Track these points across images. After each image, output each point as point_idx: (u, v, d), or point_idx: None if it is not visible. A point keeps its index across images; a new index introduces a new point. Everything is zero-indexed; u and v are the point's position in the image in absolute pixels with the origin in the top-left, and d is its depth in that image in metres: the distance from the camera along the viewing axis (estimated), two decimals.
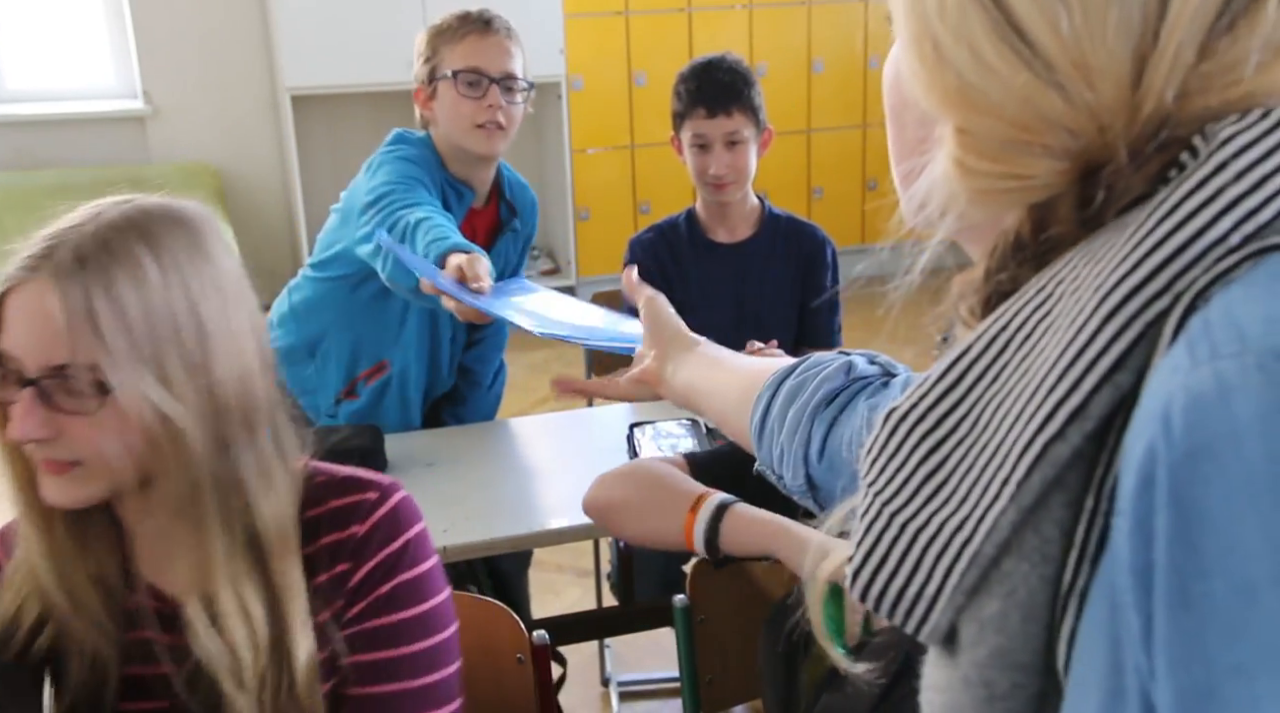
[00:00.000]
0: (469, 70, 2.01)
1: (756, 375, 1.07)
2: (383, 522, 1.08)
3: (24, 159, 5.01)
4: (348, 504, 1.08)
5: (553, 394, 4.52)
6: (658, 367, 1.12)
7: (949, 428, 0.51)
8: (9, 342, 0.96)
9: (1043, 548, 0.47)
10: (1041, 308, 0.50)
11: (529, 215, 2.28)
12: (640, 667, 2.67)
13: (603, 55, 5.33)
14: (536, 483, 1.87)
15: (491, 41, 2.05)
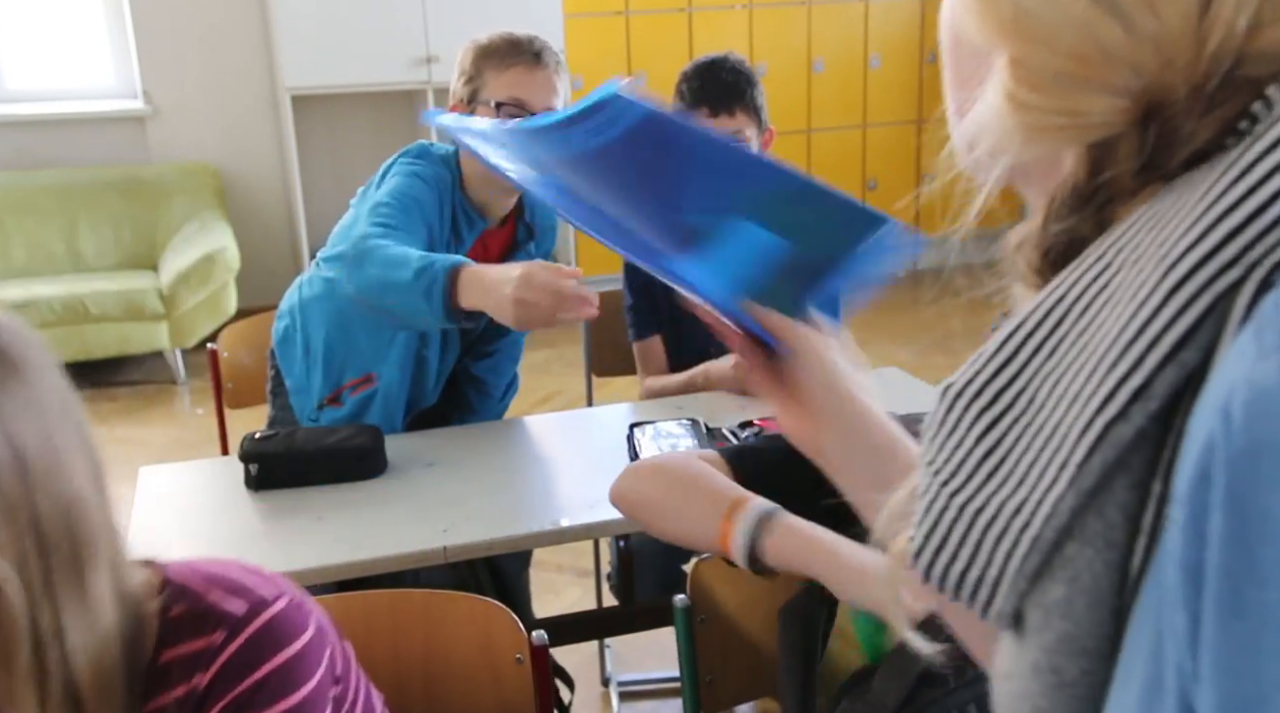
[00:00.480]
0: (512, 103, 1.96)
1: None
2: (230, 665, 0.92)
3: (24, 159, 5.02)
4: (194, 651, 0.92)
5: (553, 394, 4.52)
6: (811, 433, 0.97)
7: (1005, 404, 0.49)
8: None
9: (1106, 533, 0.44)
10: (1101, 278, 0.47)
11: (547, 237, 2.21)
12: (640, 667, 2.66)
13: (603, 55, 5.34)
14: (537, 483, 1.86)
15: (540, 77, 1.98)
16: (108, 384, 4.77)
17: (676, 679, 1.57)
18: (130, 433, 4.25)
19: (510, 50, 1.98)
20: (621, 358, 2.53)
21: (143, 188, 5.02)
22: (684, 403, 2.15)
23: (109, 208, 4.95)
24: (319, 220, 5.24)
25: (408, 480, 1.83)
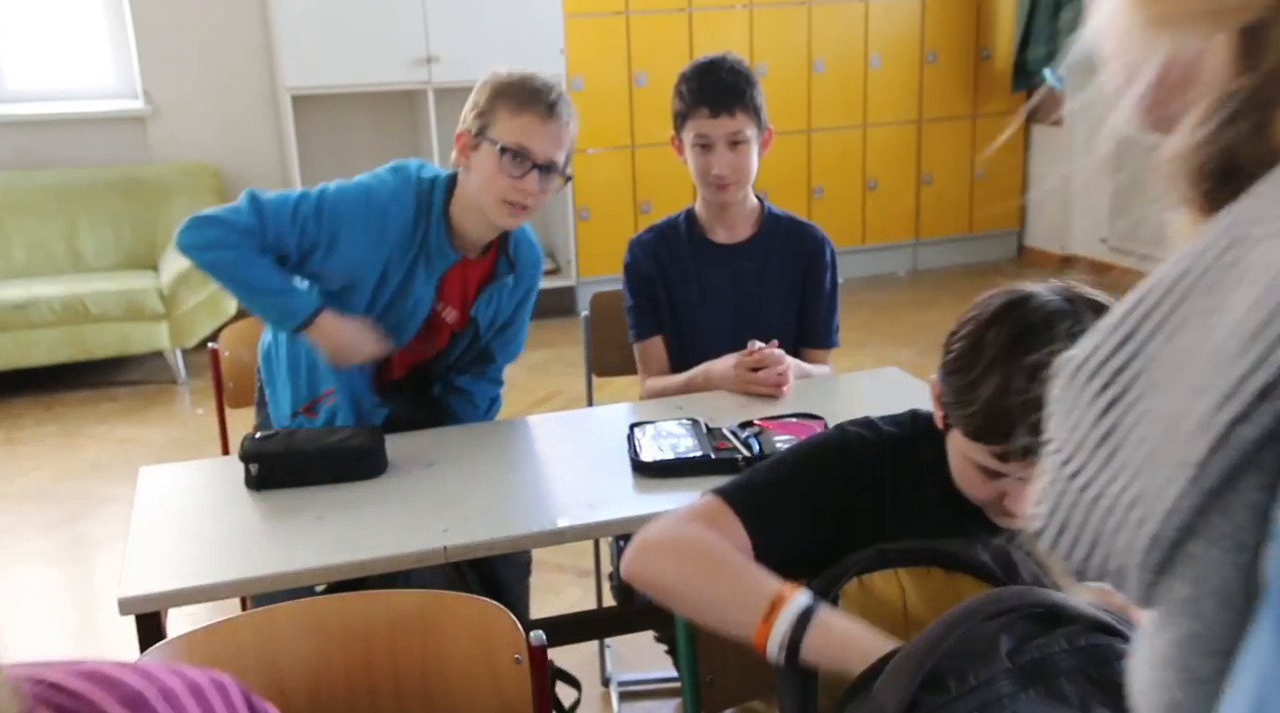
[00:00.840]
0: (516, 148, 1.96)
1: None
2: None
3: (24, 159, 5.02)
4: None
5: (553, 394, 4.52)
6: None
7: (1124, 385, 0.45)
8: None
9: (1236, 534, 0.40)
10: (1231, 252, 0.42)
11: (530, 272, 2.20)
12: (640, 667, 2.66)
13: (603, 55, 5.33)
14: (537, 483, 1.86)
15: (550, 129, 1.98)
16: (108, 384, 4.77)
17: (676, 680, 1.57)
18: (130, 433, 4.25)
19: (527, 97, 1.97)
20: (621, 358, 2.53)
21: (143, 188, 5.02)
22: (684, 403, 2.15)
23: (109, 208, 4.95)
24: None
25: (408, 481, 1.83)
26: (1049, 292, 1.19)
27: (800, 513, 1.33)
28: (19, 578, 3.24)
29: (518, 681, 1.30)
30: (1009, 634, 1.02)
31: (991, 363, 1.16)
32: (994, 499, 1.25)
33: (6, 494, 3.78)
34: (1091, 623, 1.05)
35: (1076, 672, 1.01)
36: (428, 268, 2.04)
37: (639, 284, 2.37)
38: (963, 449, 1.24)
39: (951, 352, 1.23)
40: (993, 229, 6.26)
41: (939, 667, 0.99)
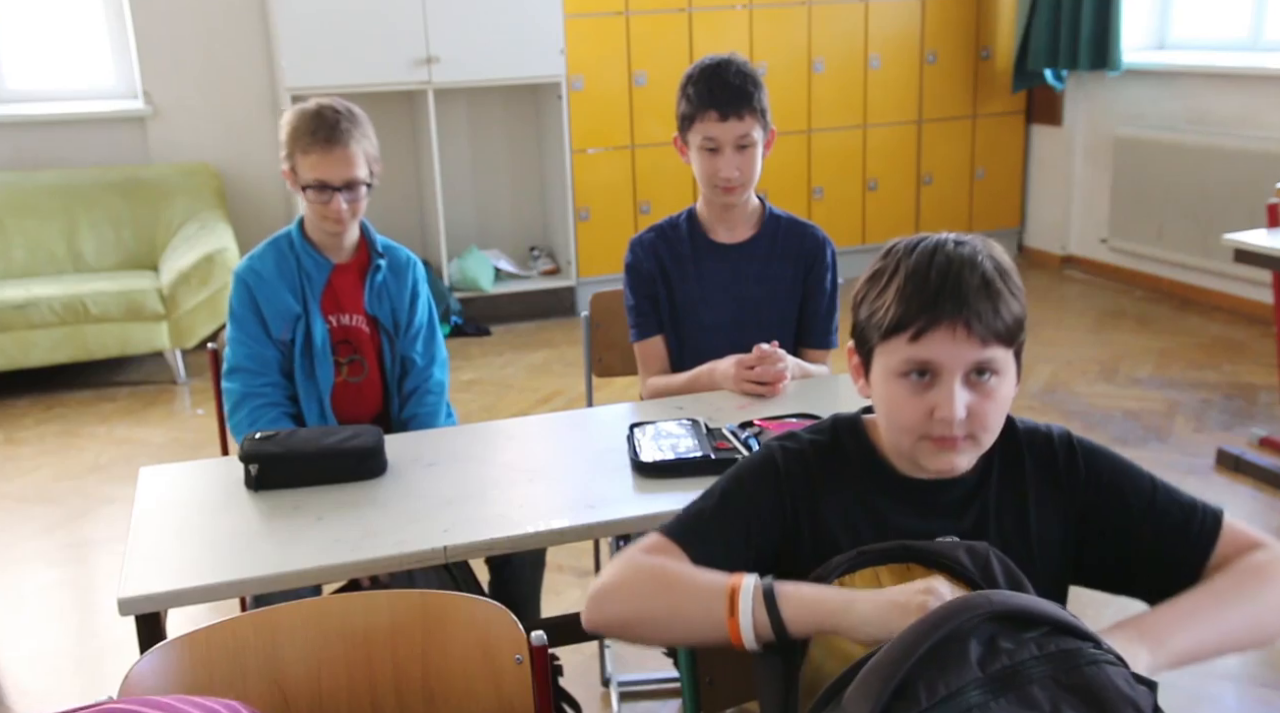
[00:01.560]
0: (315, 185, 2.22)
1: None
2: None
3: (25, 159, 5.02)
4: None
5: (553, 394, 4.52)
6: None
7: None
8: None
9: None
10: None
11: (404, 269, 2.40)
12: (640, 667, 2.66)
13: (603, 55, 5.33)
14: (537, 483, 1.86)
15: (335, 156, 2.21)
16: (108, 384, 4.78)
17: (676, 680, 1.57)
18: (130, 433, 4.25)
19: (307, 133, 2.22)
20: (622, 358, 2.53)
21: (143, 188, 5.02)
22: (684, 403, 2.15)
23: (109, 208, 4.95)
24: None
25: (408, 481, 1.83)
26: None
27: (736, 533, 1.33)
28: (19, 578, 3.24)
29: (519, 681, 1.30)
30: (979, 639, 1.02)
31: (895, 267, 1.27)
32: (924, 419, 1.25)
33: (6, 494, 3.78)
34: (1061, 626, 1.05)
35: (1047, 678, 1.01)
36: (310, 288, 2.30)
37: (640, 284, 2.37)
38: (887, 363, 1.27)
39: (861, 285, 1.32)
40: (992, 229, 6.26)
41: (909, 675, 0.99)
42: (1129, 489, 1.33)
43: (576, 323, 2.80)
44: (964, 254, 1.25)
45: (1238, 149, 4.96)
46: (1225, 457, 3.59)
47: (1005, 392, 1.28)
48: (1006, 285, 1.25)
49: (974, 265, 1.24)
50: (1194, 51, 5.46)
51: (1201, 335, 4.92)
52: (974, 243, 1.27)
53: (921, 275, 1.24)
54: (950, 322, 1.22)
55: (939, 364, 1.24)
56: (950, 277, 1.23)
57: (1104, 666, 1.03)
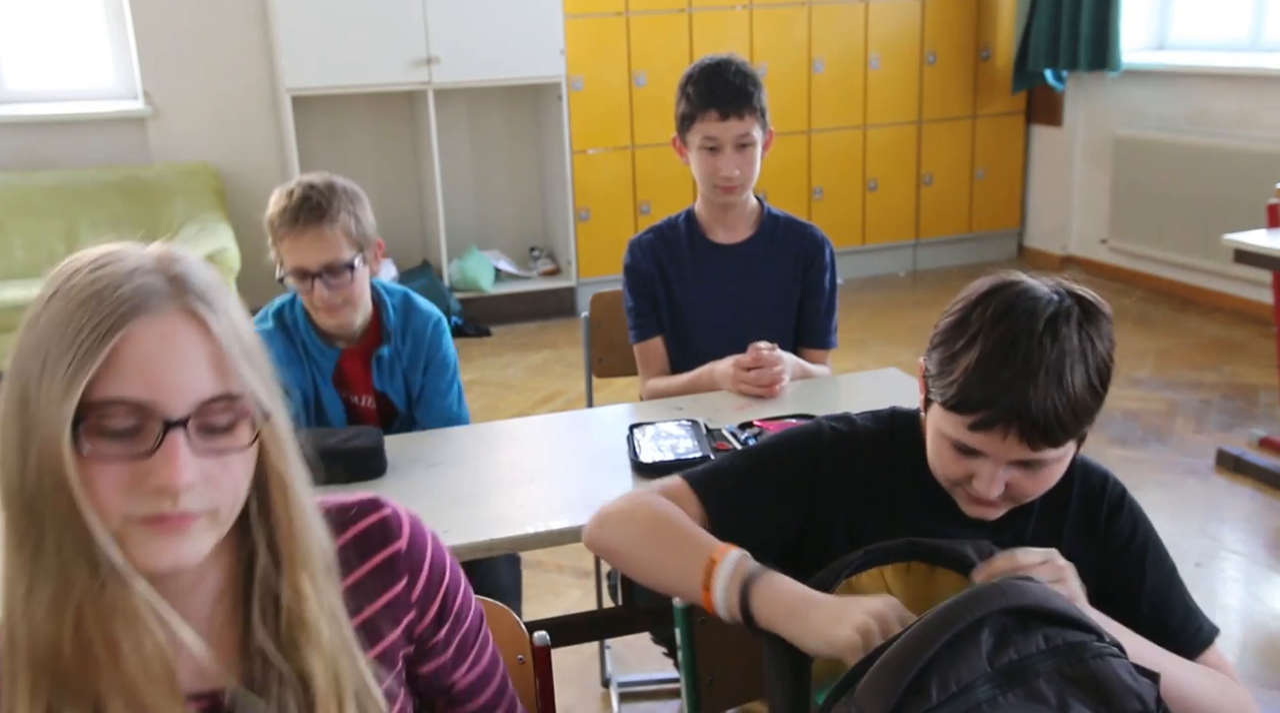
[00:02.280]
0: (296, 272, 2.08)
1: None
2: (414, 532, 1.07)
3: (25, 160, 5.02)
4: (371, 525, 1.05)
5: (553, 395, 4.52)
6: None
7: None
8: (138, 386, 0.84)
9: None
10: None
11: (422, 334, 2.20)
12: (640, 668, 2.67)
13: (603, 56, 5.34)
14: (537, 483, 1.86)
15: (306, 240, 2.05)
16: None
17: (677, 680, 1.57)
18: None
19: (283, 222, 2.07)
20: (622, 359, 2.53)
21: (143, 188, 5.02)
22: (684, 404, 2.15)
23: (110, 208, 4.95)
24: None
25: (408, 481, 1.83)
26: (1039, 281, 1.24)
27: (760, 500, 1.35)
28: None
29: (522, 681, 1.30)
30: (990, 629, 1.03)
31: (974, 336, 1.20)
32: (963, 479, 1.26)
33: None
34: (1068, 619, 1.05)
35: (1053, 672, 1.01)
36: (318, 371, 2.15)
37: (639, 285, 2.37)
38: (939, 424, 1.25)
39: (939, 327, 1.26)
40: (992, 230, 6.26)
41: (923, 671, 0.99)
42: (1151, 568, 1.33)
43: (576, 323, 2.80)
44: (1048, 355, 1.16)
45: (1238, 149, 4.96)
46: (1225, 457, 3.59)
47: (1057, 470, 1.25)
48: (1089, 396, 1.18)
49: (1057, 371, 1.16)
50: (1194, 52, 5.46)
51: (1201, 336, 4.93)
52: (1070, 336, 1.17)
53: (995, 365, 1.17)
54: (1005, 426, 1.18)
55: (985, 453, 1.22)
56: (1021, 378, 1.15)
57: (1108, 658, 1.04)
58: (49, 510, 0.84)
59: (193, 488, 0.86)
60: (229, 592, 0.97)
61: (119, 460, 0.85)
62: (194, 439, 0.86)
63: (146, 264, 0.89)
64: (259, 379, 0.90)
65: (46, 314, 0.87)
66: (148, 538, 0.86)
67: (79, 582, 0.85)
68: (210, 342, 0.87)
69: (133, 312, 0.85)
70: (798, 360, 2.26)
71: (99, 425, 0.84)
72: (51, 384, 0.84)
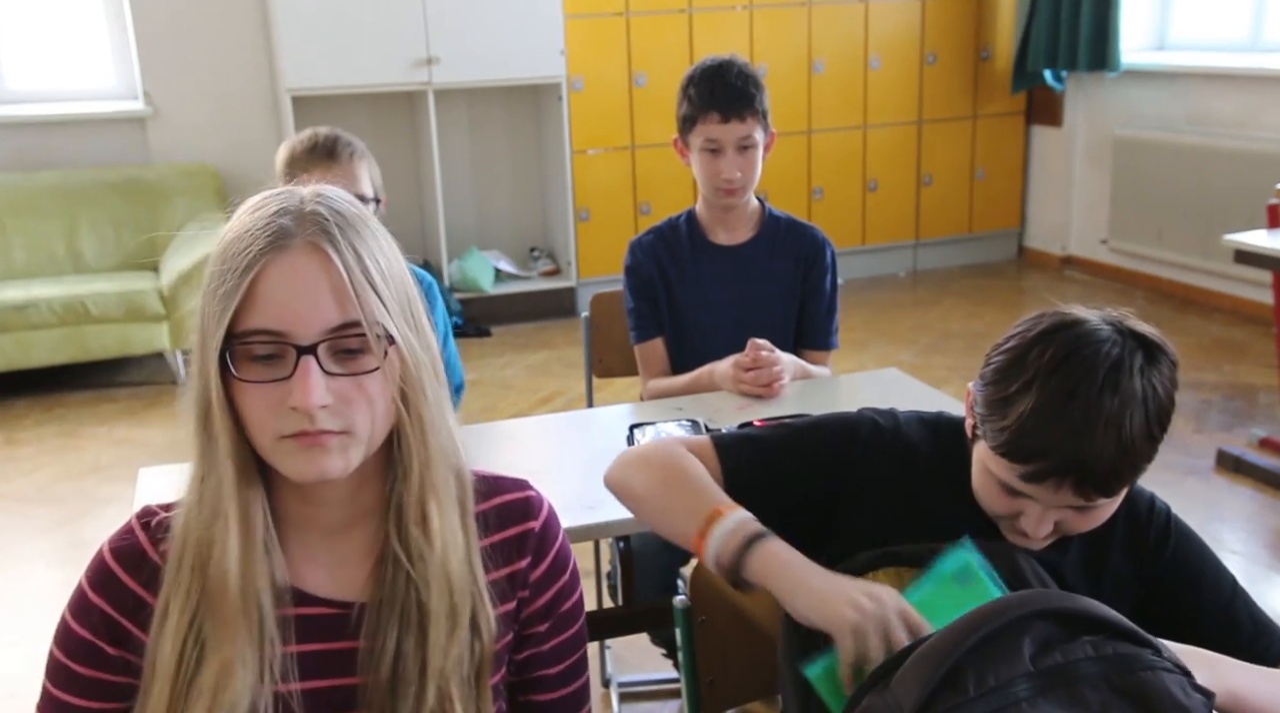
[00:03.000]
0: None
1: None
2: (550, 520, 1.15)
3: (25, 160, 5.02)
4: (515, 500, 1.13)
5: (553, 395, 4.52)
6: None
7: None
8: (273, 317, 0.94)
9: None
10: None
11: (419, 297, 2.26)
12: (640, 668, 2.66)
13: (603, 56, 5.34)
14: (536, 484, 1.86)
15: (336, 173, 2.08)
16: (108, 385, 4.77)
17: (677, 680, 1.57)
18: (130, 434, 4.25)
19: (305, 153, 2.12)
20: (622, 359, 2.53)
21: (143, 189, 5.02)
22: (684, 404, 2.15)
23: (110, 209, 4.95)
24: None
25: None
26: (1100, 320, 1.18)
27: (780, 475, 1.35)
28: (19, 579, 3.24)
29: None
30: (1032, 637, 1.00)
31: (1030, 382, 1.15)
32: (1009, 516, 1.23)
33: (6, 495, 3.78)
34: (1119, 630, 1.02)
35: (1100, 679, 0.98)
36: None
37: (640, 286, 2.37)
38: (987, 462, 1.22)
39: (992, 363, 1.21)
40: (993, 230, 6.26)
41: (960, 665, 0.98)
42: (1207, 585, 1.29)
43: (577, 324, 2.80)
44: (1108, 407, 1.11)
45: (1238, 150, 4.96)
46: (1225, 457, 3.59)
47: (1108, 511, 1.22)
48: (1147, 444, 1.14)
49: (1116, 424, 1.11)
50: (1193, 52, 5.46)
51: (1201, 336, 4.93)
52: (1132, 385, 1.12)
53: (1052, 416, 1.12)
54: (1059, 479, 1.15)
55: (1035, 498, 1.19)
56: (1079, 433, 1.11)
57: (1161, 672, 1.00)
58: (211, 421, 0.96)
59: (327, 407, 0.94)
60: (378, 510, 1.04)
61: (265, 383, 0.94)
62: (327, 363, 0.95)
63: (290, 204, 0.98)
64: (389, 307, 0.96)
65: (219, 247, 0.97)
66: (294, 452, 0.96)
67: (225, 485, 0.97)
68: (333, 273, 0.94)
69: (267, 248, 0.94)
70: (797, 360, 2.26)
71: (246, 352, 0.94)
72: (210, 314, 0.95)
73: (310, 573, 1.05)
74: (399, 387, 0.99)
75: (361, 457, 0.99)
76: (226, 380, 0.95)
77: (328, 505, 1.04)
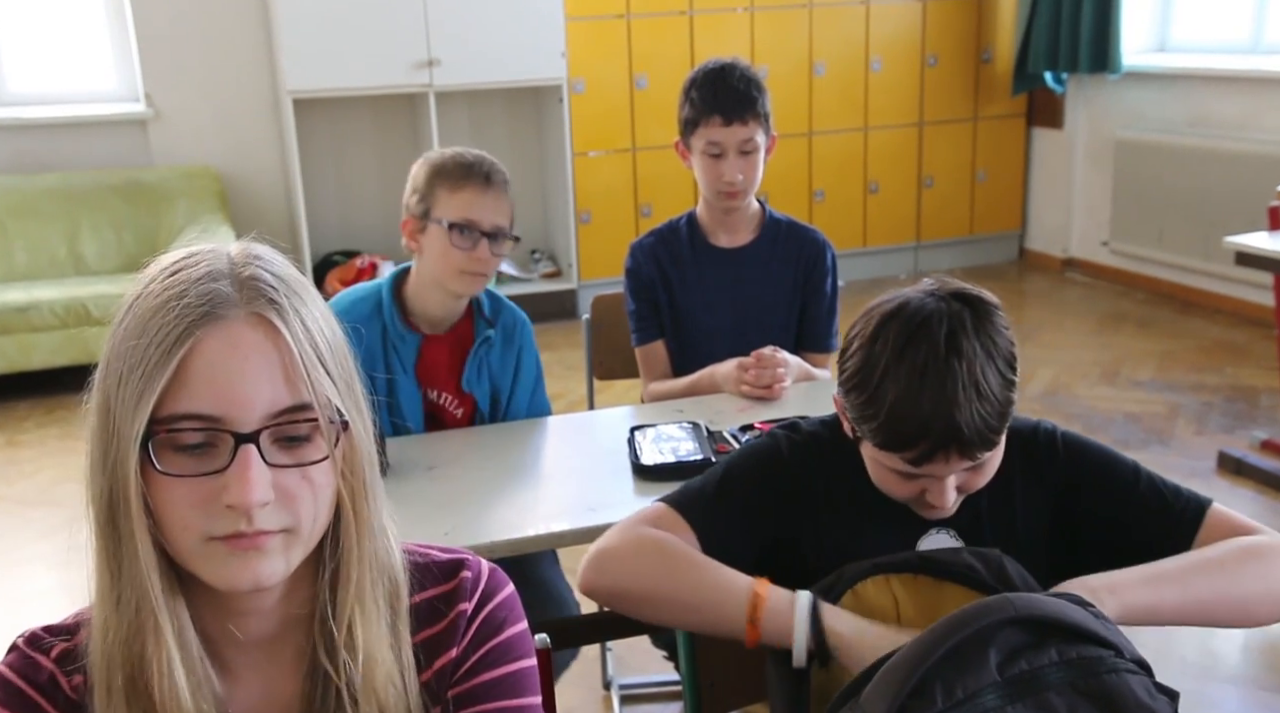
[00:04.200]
0: (464, 223, 2.00)
1: None
2: (485, 596, 1.00)
3: (26, 162, 5.02)
4: (444, 592, 0.98)
5: (554, 397, 4.52)
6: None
7: None
8: (207, 400, 0.81)
9: None
10: None
11: (516, 331, 2.15)
12: (641, 670, 2.66)
13: (604, 58, 5.34)
14: (537, 486, 1.86)
15: (490, 197, 2.04)
16: None
17: (677, 683, 1.57)
18: None
19: (463, 172, 2.03)
20: (622, 361, 2.53)
21: (144, 191, 5.02)
22: (685, 406, 2.15)
23: (111, 211, 4.95)
24: (321, 223, 5.25)
25: (409, 484, 1.83)
26: (921, 294, 1.23)
27: (740, 516, 1.35)
28: (19, 581, 3.24)
29: None
30: (998, 645, 1.02)
31: (884, 376, 1.19)
32: (916, 496, 1.27)
33: (7, 498, 3.78)
34: (1082, 633, 1.04)
35: (1065, 684, 1.00)
36: (398, 359, 2.05)
37: (640, 288, 2.37)
38: (876, 457, 1.26)
39: (845, 370, 1.26)
40: (993, 232, 6.26)
41: (927, 677, 0.99)
42: (1111, 476, 1.33)
43: (577, 326, 2.80)
44: (959, 373, 1.16)
45: (1238, 152, 4.96)
46: (1227, 460, 3.59)
47: (998, 456, 1.27)
48: (1006, 390, 1.20)
49: (973, 384, 1.17)
50: (1194, 54, 5.46)
51: (1203, 338, 4.92)
52: (972, 345, 1.18)
53: (914, 399, 1.17)
54: (944, 452, 1.19)
55: (932, 476, 1.24)
56: (943, 404, 1.16)
57: (1124, 674, 1.02)
58: (123, 523, 0.83)
59: (268, 504, 0.83)
60: (306, 618, 0.93)
61: (193, 477, 0.82)
62: (270, 453, 0.83)
63: (220, 267, 0.85)
64: (338, 386, 0.86)
65: (125, 322, 0.84)
66: (224, 557, 0.83)
67: (151, 599, 0.84)
68: (281, 349, 0.83)
69: (200, 321, 0.82)
70: (801, 362, 2.26)
71: (171, 441, 0.82)
72: (125, 397, 0.81)
73: (239, 693, 0.93)
74: (343, 475, 0.88)
75: (301, 557, 0.88)
76: (144, 473, 0.82)
77: (253, 616, 0.91)
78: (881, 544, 1.29)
